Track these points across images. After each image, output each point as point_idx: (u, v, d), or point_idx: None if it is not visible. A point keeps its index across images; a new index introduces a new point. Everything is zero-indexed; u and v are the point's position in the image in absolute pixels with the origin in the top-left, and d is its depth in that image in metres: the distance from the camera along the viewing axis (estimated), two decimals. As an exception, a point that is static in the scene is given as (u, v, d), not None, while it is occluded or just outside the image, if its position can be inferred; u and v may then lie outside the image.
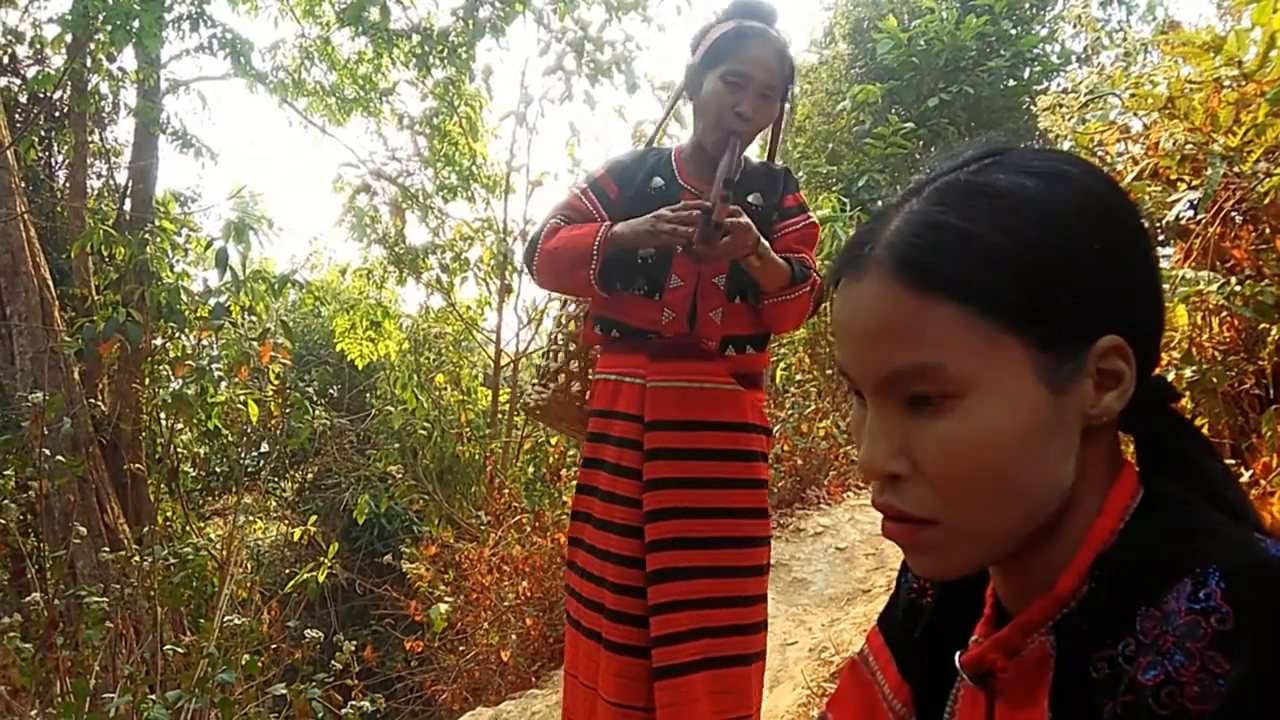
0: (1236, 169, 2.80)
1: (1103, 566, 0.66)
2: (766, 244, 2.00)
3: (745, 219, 1.94)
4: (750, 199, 2.10)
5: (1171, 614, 0.58)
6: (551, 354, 2.41)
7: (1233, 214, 2.93)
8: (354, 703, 3.08)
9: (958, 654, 0.75)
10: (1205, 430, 2.84)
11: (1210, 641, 0.55)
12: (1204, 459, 0.71)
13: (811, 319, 2.13)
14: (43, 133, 7.32)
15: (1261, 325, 2.72)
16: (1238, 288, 2.70)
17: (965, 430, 0.65)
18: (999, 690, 0.72)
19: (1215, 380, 2.75)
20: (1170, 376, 2.69)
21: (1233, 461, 2.68)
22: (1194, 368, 2.77)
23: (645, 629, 2.01)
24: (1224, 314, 2.82)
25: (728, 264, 2.05)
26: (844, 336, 0.72)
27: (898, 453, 0.68)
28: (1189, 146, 2.88)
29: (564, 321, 2.43)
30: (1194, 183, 2.94)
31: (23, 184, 6.14)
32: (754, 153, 2.28)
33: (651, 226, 1.98)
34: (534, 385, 2.45)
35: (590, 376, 2.29)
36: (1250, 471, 2.65)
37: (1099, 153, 3.31)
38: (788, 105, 2.19)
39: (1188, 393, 2.82)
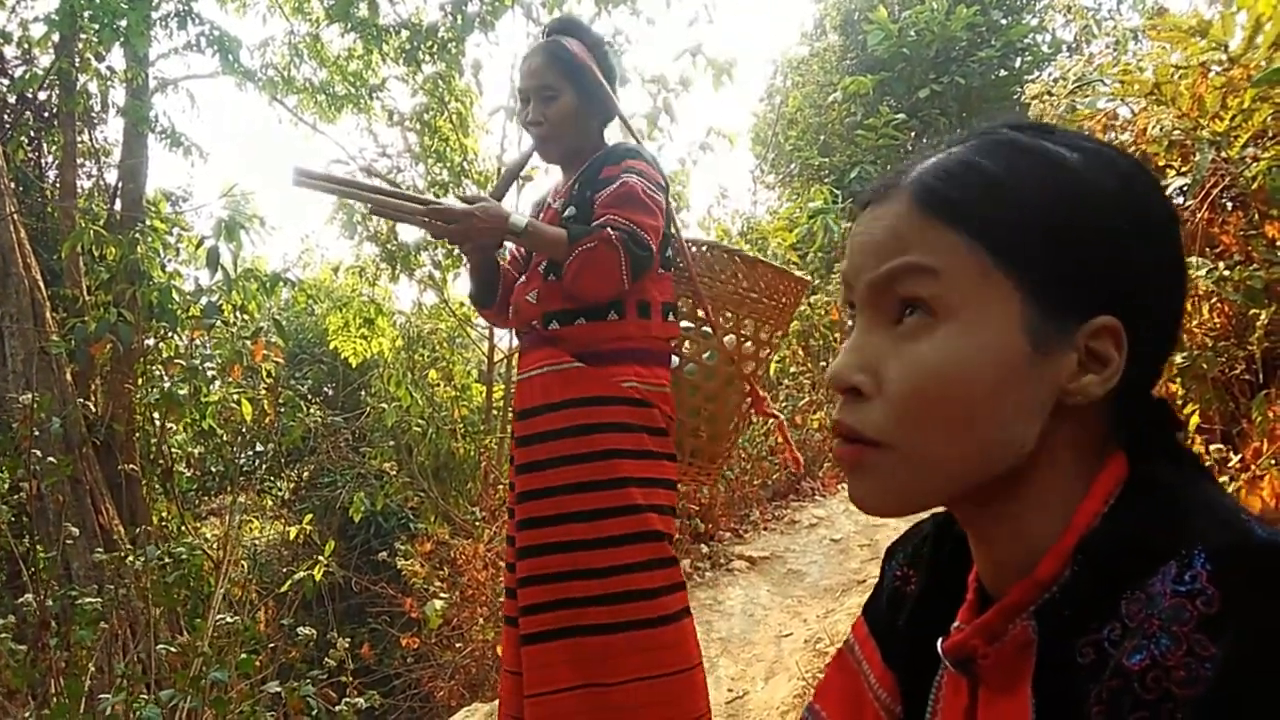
0: (1224, 154, 2.80)
1: (1086, 550, 0.65)
2: (524, 221, 2.09)
3: (465, 205, 2.08)
4: (575, 188, 2.24)
5: (1156, 596, 0.58)
6: None
7: (1221, 199, 2.93)
8: (348, 699, 3.08)
9: (940, 640, 0.75)
10: (1195, 416, 2.84)
11: (1196, 624, 0.55)
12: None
13: (635, 279, 2.16)
14: (31, 133, 7.28)
15: (1251, 310, 2.72)
16: (1227, 273, 2.70)
17: (937, 354, 0.66)
18: (981, 676, 0.71)
19: (1205, 366, 2.75)
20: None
21: (1223, 446, 2.68)
22: (1184, 353, 2.77)
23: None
24: (1214, 299, 2.83)
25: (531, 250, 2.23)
26: (853, 248, 0.73)
27: (866, 368, 0.69)
28: (1177, 133, 2.88)
29: None
30: (1182, 169, 2.94)
31: (12, 185, 6.11)
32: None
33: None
34: None
35: None
36: (1240, 456, 2.65)
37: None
38: (606, 89, 2.27)
39: (1178, 379, 2.82)
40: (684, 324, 2.35)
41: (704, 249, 2.41)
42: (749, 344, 2.39)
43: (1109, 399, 0.68)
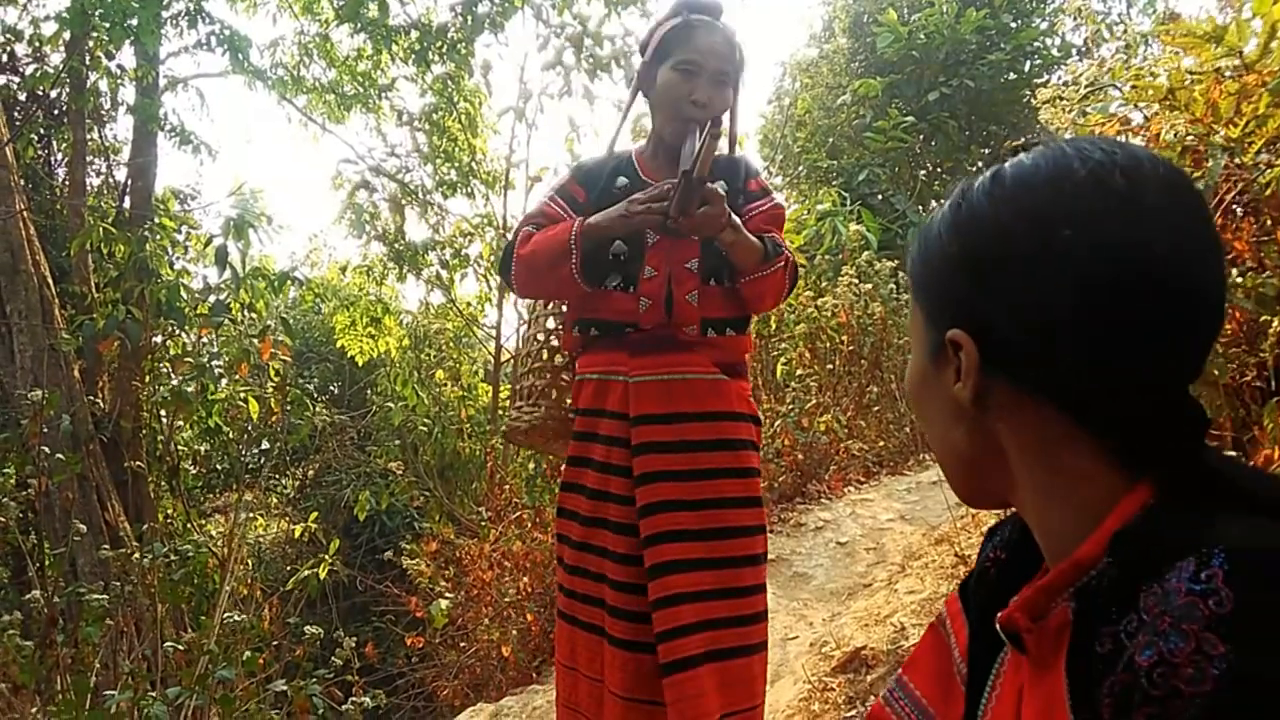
0: (1238, 160, 2.79)
1: (1121, 538, 0.67)
2: (738, 219, 2.01)
3: (716, 183, 1.96)
4: (719, 192, 2.09)
5: (1171, 592, 0.58)
6: (535, 372, 2.37)
7: (1234, 206, 2.92)
8: (354, 699, 3.08)
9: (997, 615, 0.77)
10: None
11: (1206, 624, 0.56)
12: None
13: (795, 303, 2.14)
14: (42, 130, 7.31)
15: (1263, 317, 2.70)
16: (1239, 279, 2.69)
17: (906, 373, 0.85)
18: (1028, 651, 0.73)
19: (1217, 372, 2.74)
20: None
21: (1234, 453, 2.67)
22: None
23: (647, 624, 2.00)
24: (1225, 306, 2.81)
25: (699, 248, 2.06)
26: None
27: None
28: (1190, 138, 2.87)
29: (542, 339, 2.40)
30: (1195, 174, 2.93)
31: (22, 182, 6.14)
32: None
33: (625, 210, 2.01)
34: (519, 407, 2.40)
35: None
36: (1251, 464, 2.64)
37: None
38: (740, 95, 2.20)
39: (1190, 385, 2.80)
40: None
41: None
42: None
43: (1066, 411, 0.71)
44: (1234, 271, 2.68)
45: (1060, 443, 0.72)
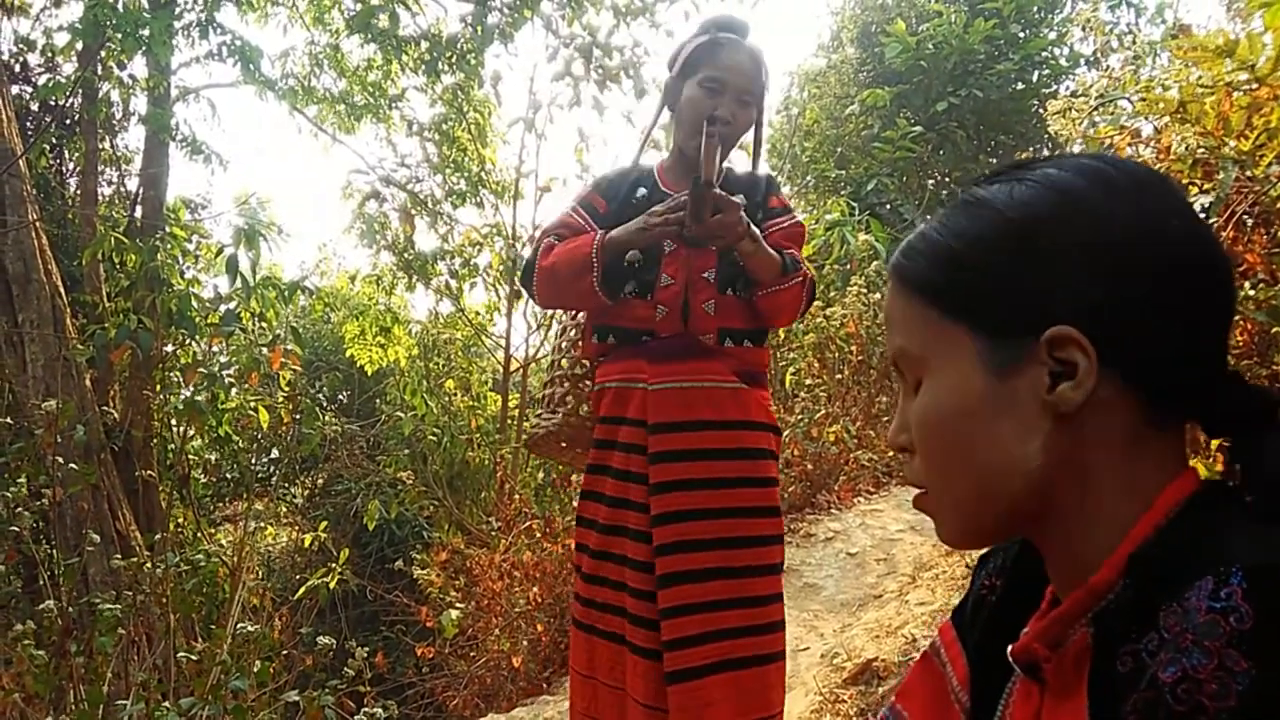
0: (1249, 173, 2.78)
1: (1137, 560, 0.68)
2: (757, 231, 2.04)
3: (735, 197, 1.99)
4: (735, 200, 2.11)
5: (1192, 611, 0.59)
6: (556, 380, 2.40)
7: (1245, 218, 2.91)
8: (366, 709, 3.08)
9: (1009, 646, 0.78)
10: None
11: (1228, 640, 0.56)
12: None
13: (806, 315, 2.16)
14: (54, 140, 7.33)
15: (1275, 329, 2.70)
16: (1251, 292, 2.68)
17: (923, 405, 0.78)
18: (1046, 681, 0.74)
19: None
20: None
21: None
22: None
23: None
24: (1237, 318, 2.81)
25: (716, 257, 2.09)
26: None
27: (904, 428, 0.81)
28: (1201, 150, 2.87)
29: (564, 348, 2.42)
30: (1206, 187, 2.93)
31: (34, 191, 6.16)
32: (741, 163, 2.35)
33: (643, 223, 2.06)
34: (540, 414, 2.43)
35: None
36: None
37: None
38: (764, 115, 2.23)
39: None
40: None
41: None
42: None
43: (1144, 407, 0.71)
44: (1245, 284, 2.68)
45: (1138, 442, 0.72)
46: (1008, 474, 0.73)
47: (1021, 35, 9.99)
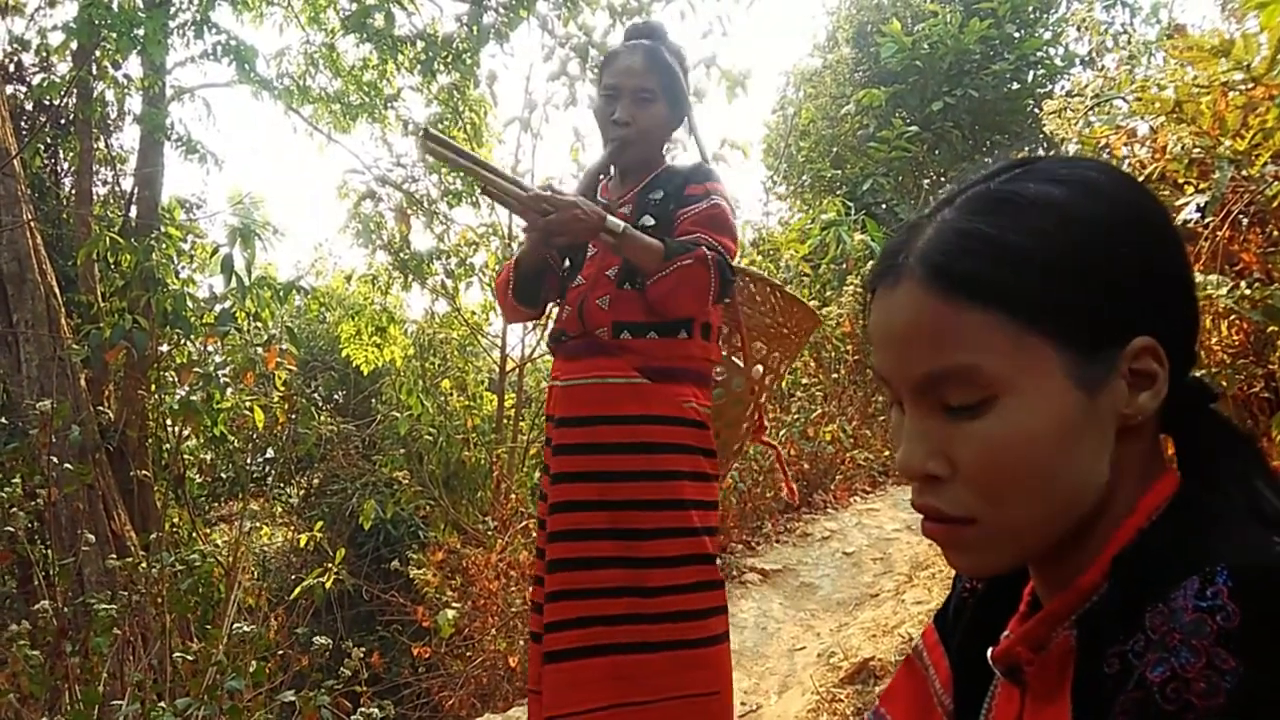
0: (1245, 172, 2.79)
1: (1121, 562, 0.68)
2: (621, 224, 2.04)
3: (571, 197, 2.05)
4: (652, 196, 2.21)
5: (1179, 611, 0.59)
6: None
7: (1241, 217, 2.92)
8: (362, 709, 3.07)
9: (990, 649, 0.77)
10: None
11: (1216, 639, 0.57)
12: (1244, 462, 0.71)
13: (723, 302, 2.16)
14: (48, 140, 7.32)
15: (1270, 329, 2.71)
16: (1247, 291, 2.69)
17: (1002, 431, 0.67)
18: (1028, 684, 0.74)
19: (1225, 384, 2.74)
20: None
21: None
22: (1203, 371, 2.76)
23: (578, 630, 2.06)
24: (1233, 317, 2.82)
25: (621, 256, 2.13)
26: (880, 343, 0.74)
27: (936, 454, 0.70)
28: (1196, 150, 2.88)
29: None
30: (1202, 186, 2.94)
31: (29, 191, 6.14)
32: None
33: (526, 233, 2.20)
34: None
35: None
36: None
37: (1105, 156, 3.31)
38: (689, 104, 2.32)
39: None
40: None
41: (747, 280, 2.41)
42: (769, 376, 2.41)
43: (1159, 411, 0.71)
44: (1241, 284, 2.69)
45: (1147, 459, 0.72)
46: (1082, 493, 0.69)
47: (1017, 35, 9.99)
